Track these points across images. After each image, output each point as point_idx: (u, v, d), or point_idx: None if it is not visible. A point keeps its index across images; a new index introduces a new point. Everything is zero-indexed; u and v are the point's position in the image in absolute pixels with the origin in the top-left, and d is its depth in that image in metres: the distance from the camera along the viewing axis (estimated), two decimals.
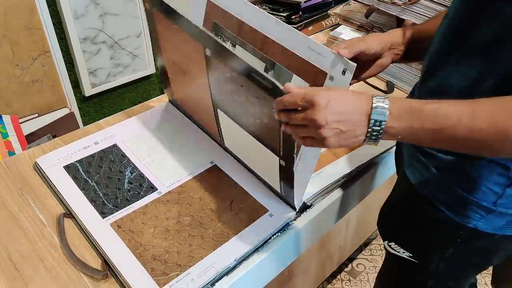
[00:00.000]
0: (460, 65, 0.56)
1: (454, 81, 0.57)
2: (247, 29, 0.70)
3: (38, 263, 0.66)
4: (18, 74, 1.40)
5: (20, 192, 0.76)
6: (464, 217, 0.61)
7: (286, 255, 0.78)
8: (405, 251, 0.72)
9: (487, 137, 0.47)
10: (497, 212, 0.59)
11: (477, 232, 0.61)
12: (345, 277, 1.47)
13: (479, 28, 0.52)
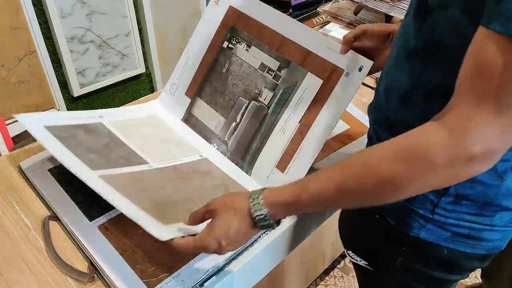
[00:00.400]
0: (402, 69, 0.57)
1: (396, 85, 0.58)
2: (267, 31, 0.80)
3: (23, 266, 0.65)
4: (3, 75, 1.38)
5: (4, 195, 0.75)
6: (405, 226, 0.62)
7: (277, 252, 0.77)
8: (361, 259, 0.72)
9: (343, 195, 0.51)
10: (435, 221, 0.59)
11: (421, 242, 0.61)
12: (337, 274, 1.47)
13: (417, 34, 0.53)
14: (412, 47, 0.54)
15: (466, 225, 0.59)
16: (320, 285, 1.45)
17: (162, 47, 1.85)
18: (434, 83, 0.52)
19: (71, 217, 0.71)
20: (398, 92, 0.57)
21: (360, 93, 1.07)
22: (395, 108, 0.58)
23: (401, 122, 0.58)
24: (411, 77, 0.55)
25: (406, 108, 0.57)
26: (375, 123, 0.65)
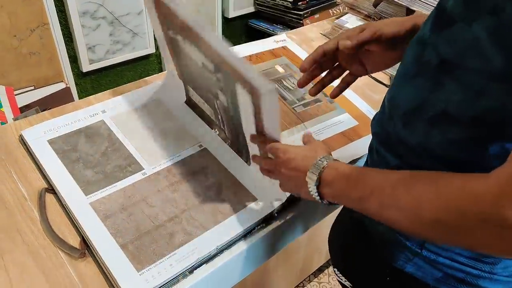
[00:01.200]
0: (411, 85, 0.51)
1: (401, 101, 0.52)
2: (190, 30, 0.66)
3: (15, 235, 0.65)
4: (15, 45, 1.38)
5: (3, 164, 0.75)
6: (390, 255, 0.57)
7: (271, 246, 0.76)
8: (346, 280, 0.69)
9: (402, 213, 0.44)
10: (424, 256, 0.54)
11: (406, 276, 0.56)
12: (332, 272, 1.46)
13: (432, 48, 0.47)
14: (425, 62, 0.48)
15: (461, 268, 0.53)
16: (314, 282, 1.44)
17: None
18: (442, 107, 0.46)
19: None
20: (402, 110, 0.52)
21: (372, 90, 1.06)
22: (396, 125, 0.53)
23: (400, 141, 0.53)
24: (419, 96, 0.49)
25: (408, 128, 0.52)
26: (375, 137, 0.61)
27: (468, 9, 0.41)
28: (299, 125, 0.89)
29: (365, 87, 1.07)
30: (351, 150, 0.86)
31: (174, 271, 0.62)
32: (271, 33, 1.98)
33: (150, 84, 0.95)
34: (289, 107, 0.94)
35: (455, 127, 0.45)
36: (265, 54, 1.09)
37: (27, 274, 0.61)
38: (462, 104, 0.44)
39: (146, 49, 1.77)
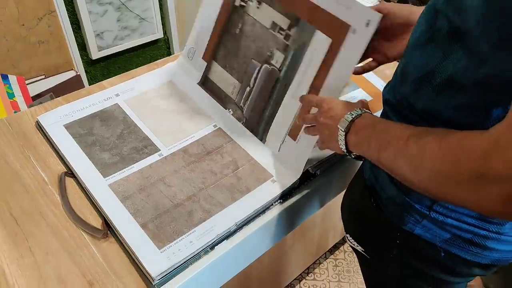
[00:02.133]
0: (422, 52, 0.52)
1: (412, 68, 0.54)
2: None
3: (39, 219, 0.67)
4: (24, 34, 1.38)
5: (22, 150, 0.76)
6: (399, 218, 0.58)
7: (288, 222, 0.77)
8: (358, 245, 0.70)
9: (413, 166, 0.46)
10: (432, 218, 0.55)
11: (415, 238, 0.58)
12: (348, 249, 1.47)
13: (444, 15, 0.48)
14: (436, 29, 0.49)
15: (468, 229, 0.54)
16: (330, 259, 1.45)
17: (181, 13, 1.82)
18: (448, 74, 0.48)
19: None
20: (413, 76, 0.53)
21: (386, 66, 1.03)
22: (406, 91, 0.55)
23: (409, 106, 0.54)
24: (429, 62, 0.51)
25: (416, 93, 0.53)
26: (386, 104, 0.62)
27: None
28: None
29: None
30: None
31: (194, 248, 0.63)
32: None
33: (162, 67, 0.95)
34: None
35: (460, 93, 0.47)
36: None
37: (53, 255, 0.63)
38: (467, 70, 0.44)
39: (154, 34, 1.76)
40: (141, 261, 0.61)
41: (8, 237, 0.64)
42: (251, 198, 0.71)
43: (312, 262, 1.39)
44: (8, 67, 1.39)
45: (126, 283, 0.61)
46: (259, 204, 0.70)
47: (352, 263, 1.43)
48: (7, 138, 0.77)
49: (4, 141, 0.77)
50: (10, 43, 1.36)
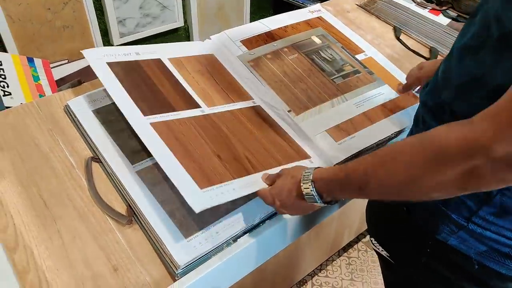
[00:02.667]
0: (471, 57, 0.50)
1: (458, 72, 0.52)
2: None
3: (67, 202, 0.67)
4: (49, 18, 1.39)
5: (51, 133, 0.77)
6: (433, 227, 0.57)
7: (309, 219, 0.77)
8: (383, 250, 0.69)
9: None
10: (470, 230, 0.54)
11: (448, 248, 0.56)
12: (361, 248, 1.47)
13: (496, 22, 0.46)
14: (488, 35, 0.47)
15: (507, 243, 0.52)
16: (343, 256, 1.45)
17: (202, 2, 1.81)
18: (498, 81, 0.46)
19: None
20: (457, 81, 0.52)
21: (411, 62, 1.03)
22: (449, 96, 0.53)
23: (451, 112, 0.52)
24: (477, 69, 0.49)
25: (460, 99, 0.51)
26: (423, 106, 0.60)
27: None
28: (339, 97, 0.88)
29: (405, 59, 1.04)
30: (393, 123, 0.84)
31: (220, 238, 0.63)
32: (301, 5, 1.93)
33: (201, 42, 0.96)
34: (327, 78, 0.92)
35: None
36: (301, 25, 1.07)
37: (79, 238, 0.64)
38: None
39: (175, 22, 1.76)
40: (168, 249, 0.61)
41: (38, 219, 0.65)
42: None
43: (325, 259, 1.39)
44: (33, 50, 1.40)
45: (149, 270, 0.61)
46: None
47: (365, 263, 1.43)
48: (36, 121, 0.78)
49: (34, 124, 0.77)
50: (35, 27, 1.37)
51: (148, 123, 0.69)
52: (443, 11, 1.11)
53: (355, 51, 1.01)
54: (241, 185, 0.65)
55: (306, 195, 0.58)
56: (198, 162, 0.66)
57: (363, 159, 0.53)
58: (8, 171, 0.70)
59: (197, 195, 0.61)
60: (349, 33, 1.07)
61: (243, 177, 0.67)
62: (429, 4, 1.13)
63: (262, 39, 0.99)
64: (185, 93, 0.79)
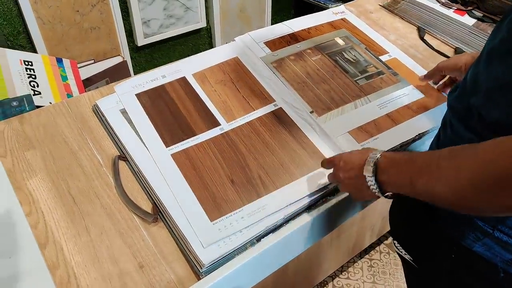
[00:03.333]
0: (502, 61, 0.49)
1: (488, 77, 0.51)
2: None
3: (94, 199, 0.69)
4: (78, 20, 1.43)
5: (80, 132, 0.79)
6: (459, 233, 0.56)
7: (331, 221, 0.76)
8: (407, 253, 0.68)
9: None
10: (495, 237, 0.53)
11: (473, 255, 0.55)
12: (384, 250, 1.45)
13: None
14: None
15: None
16: (364, 258, 1.44)
17: (225, 3, 1.83)
18: None
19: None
20: (486, 86, 0.51)
21: (436, 62, 1.00)
22: (478, 102, 0.52)
23: (480, 118, 0.51)
24: (506, 74, 0.47)
25: (490, 105, 0.50)
26: (451, 110, 0.60)
27: None
28: (362, 98, 0.87)
29: (429, 60, 1.02)
30: (418, 124, 0.83)
31: (244, 238, 0.64)
32: (322, 5, 1.92)
33: (226, 45, 0.98)
34: (351, 79, 0.92)
35: None
36: (324, 26, 1.07)
37: (106, 235, 0.65)
38: None
39: (197, 23, 1.78)
40: (193, 248, 0.62)
41: (67, 215, 0.67)
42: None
43: (346, 261, 1.39)
44: (61, 50, 1.44)
45: (174, 268, 0.62)
46: (311, 190, 0.71)
47: (387, 265, 1.41)
48: (66, 120, 0.80)
49: (64, 122, 0.80)
50: (64, 28, 1.41)
51: (169, 155, 0.74)
52: (468, 12, 1.08)
53: (379, 52, 1.00)
54: (250, 212, 0.67)
55: (367, 167, 0.58)
56: (212, 191, 0.70)
57: (424, 155, 0.52)
58: (40, 168, 0.73)
59: (207, 229, 0.65)
60: (373, 34, 1.06)
61: (253, 202, 0.69)
62: (454, 5, 1.11)
63: (285, 40, 0.99)
64: (206, 111, 0.82)
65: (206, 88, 0.87)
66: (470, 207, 0.45)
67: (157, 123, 0.79)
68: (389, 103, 0.87)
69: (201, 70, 0.90)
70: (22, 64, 1.21)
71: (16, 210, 0.67)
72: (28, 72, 1.20)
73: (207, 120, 0.81)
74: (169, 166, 0.73)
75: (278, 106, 0.84)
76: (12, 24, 1.34)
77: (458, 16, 1.08)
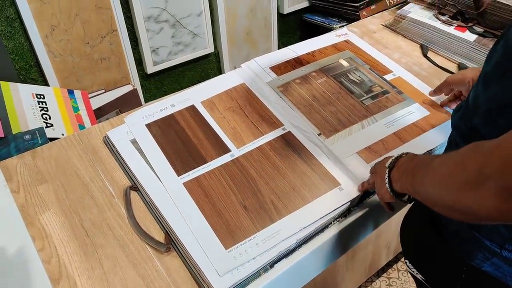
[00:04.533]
0: (499, 83, 0.50)
1: (486, 98, 0.52)
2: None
3: (107, 231, 0.70)
4: (88, 52, 1.47)
5: (91, 163, 0.80)
6: (467, 253, 0.56)
7: (344, 243, 0.76)
8: (418, 273, 0.68)
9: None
10: (503, 257, 0.53)
11: (483, 274, 0.55)
12: (401, 267, 1.42)
13: None
14: (509, 64, 0.48)
15: None
16: (382, 277, 1.41)
17: (231, 28, 1.86)
18: None
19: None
20: (485, 107, 0.52)
21: (440, 78, 1.01)
22: (479, 122, 0.53)
23: (482, 137, 0.51)
24: (504, 94, 0.49)
25: (490, 125, 0.51)
26: (456, 130, 0.61)
27: None
28: (369, 118, 0.88)
29: (433, 76, 1.03)
30: (425, 141, 0.83)
31: (257, 264, 0.64)
32: (327, 26, 1.94)
33: (232, 71, 1.00)
34: (357, 100, 0.92)
35: None
36: (328, 49, 1.08)
37: (119, 267, 0.66)
38: None
39: (205, 49, 1.81)
40: (206, 276, 0.62)
41: (80, 248, 0.68)
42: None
43: (364, 281, 1.36)
44: (73, 82, 1.48)
45: None
46: (324, 213, 0.71)
47: (406, 283, 1.38)
48: (78, 153, 0.82)
49: (75, 155, 0.82)
50: (75, 60, 1.45)
51: (181, 183, 0.75)
52: (469, 28, 1.09)
53: (383, 71, 1.01)
54: (264, 238, 0.67)
55: (387, 172, 0.61)
56: (225, 218, 0.70)
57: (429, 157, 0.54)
58: (52, 202, 0.74)
59: (223, 257, 0.65)
60: (376, 54, 1.07)
61: (266, 227, 0.69)
62: (455, 22, 1.11)
63: (290, 64, 1.01)
64: (216, 138, 0.84)
65: (215, 115, 0.88)
66: (443, 208, 0.47)
67: (168, 152, 0.80)
68: (396, 122, 0.87)
69: (209, 97, 0.92)
70: (35, 97, 1.25)
71: (28, 246, 0.68)
72: (40, 105, 1.24)
73: (218, 147, 0.82)
74: (181, 194, 0.73)
75: (286, 130, 0.85)
76: (23, 58, 1.38)
77: (459, 32, 1.08)
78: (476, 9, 1.09)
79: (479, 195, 0.40)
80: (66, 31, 1.39)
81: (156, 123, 0.86)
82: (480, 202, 0.40)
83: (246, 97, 0.93)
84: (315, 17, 2.02)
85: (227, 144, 0.82)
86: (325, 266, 0.76)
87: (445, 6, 1.16)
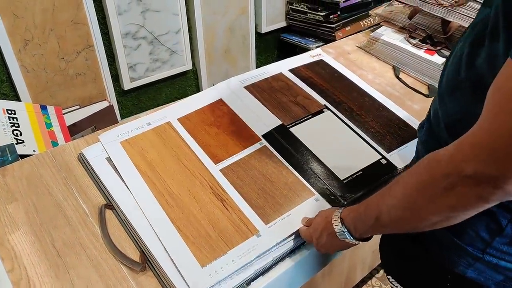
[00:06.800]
0: (452, 98, 0.54)
1: (444, 113, 0.56)
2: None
3: (80, 251, 0.68)
4: (63, 67, 1.45)
5: (65, 181, 0.79)
6: (450, 261, 0.57)
7: (321, 258, 0.77)
8: (402, 287, 0.69)
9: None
10: (486, 261, 0.54)
11: (467, 281, 0.57)
12: (376, 283, 1.44)
13: (468, 66, 0.51)
14: (463, 78, 0.52)
15: None
16: None
17: (210, 46, 1.88)
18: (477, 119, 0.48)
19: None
20: (445, 121, 0.55)
21: (411, 99, 1.05)
22: (443, 135, 0.56)
23: None
24: (459, 108, 0.52)
25: (452, 138, 0.52)
26: (422, 145, 0.63)
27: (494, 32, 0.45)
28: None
29: (405, 97, 1.06)
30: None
31: (234, 283, 0.63)
32: (303, 46, 1.99)
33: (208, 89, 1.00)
34: None
35: None
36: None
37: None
38: None
39: (183, 66, 1.82)
40: (185, 278, 0.62)
41: (51, 269, 0.66)
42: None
43: None
44: (46, 97, 1.45)
45: None
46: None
47: None
48: (51, 171, 0.80)
49: (48, 173, 0.80)
50: (49, 75, 1.43)
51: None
52: (437, 51, 1.15)
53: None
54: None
55: (338, 232, 0.62)
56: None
57: (378, 193, 0.56)
58: (22, 221, 0.72)
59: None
60: (349, 74, 1.10)
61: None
62: (424, 45, 1.17)
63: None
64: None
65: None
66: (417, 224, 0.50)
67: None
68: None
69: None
70: (5, 113, 1.22)
71: None
72: (11, 120, 1.20)
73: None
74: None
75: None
76: None
77: (428, 55, 1.14)
78: (444, 34, 1.15)
79: (458, 192, 0.43)
80: (40, 45, 1.37)
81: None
82: (462, 198, 0.44)
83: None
84: (292, 37, 2.07)
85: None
86: (302, 282, 0.76)
87: (415, 30, 1.22)
